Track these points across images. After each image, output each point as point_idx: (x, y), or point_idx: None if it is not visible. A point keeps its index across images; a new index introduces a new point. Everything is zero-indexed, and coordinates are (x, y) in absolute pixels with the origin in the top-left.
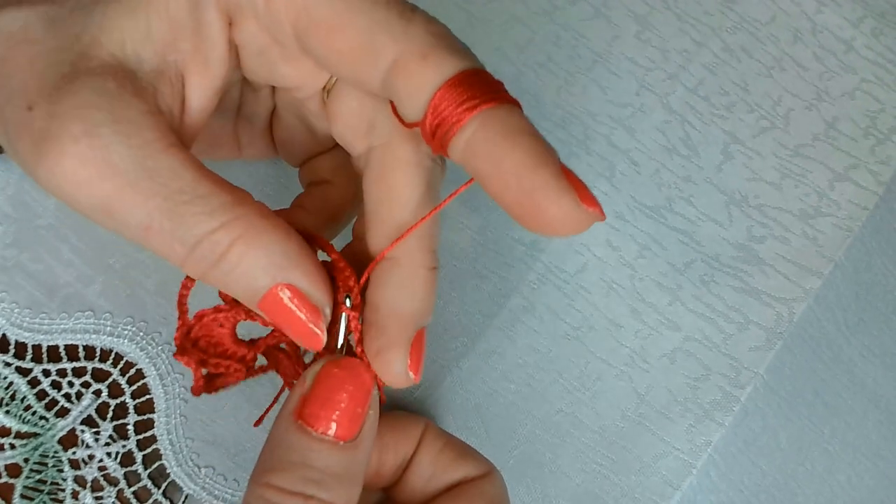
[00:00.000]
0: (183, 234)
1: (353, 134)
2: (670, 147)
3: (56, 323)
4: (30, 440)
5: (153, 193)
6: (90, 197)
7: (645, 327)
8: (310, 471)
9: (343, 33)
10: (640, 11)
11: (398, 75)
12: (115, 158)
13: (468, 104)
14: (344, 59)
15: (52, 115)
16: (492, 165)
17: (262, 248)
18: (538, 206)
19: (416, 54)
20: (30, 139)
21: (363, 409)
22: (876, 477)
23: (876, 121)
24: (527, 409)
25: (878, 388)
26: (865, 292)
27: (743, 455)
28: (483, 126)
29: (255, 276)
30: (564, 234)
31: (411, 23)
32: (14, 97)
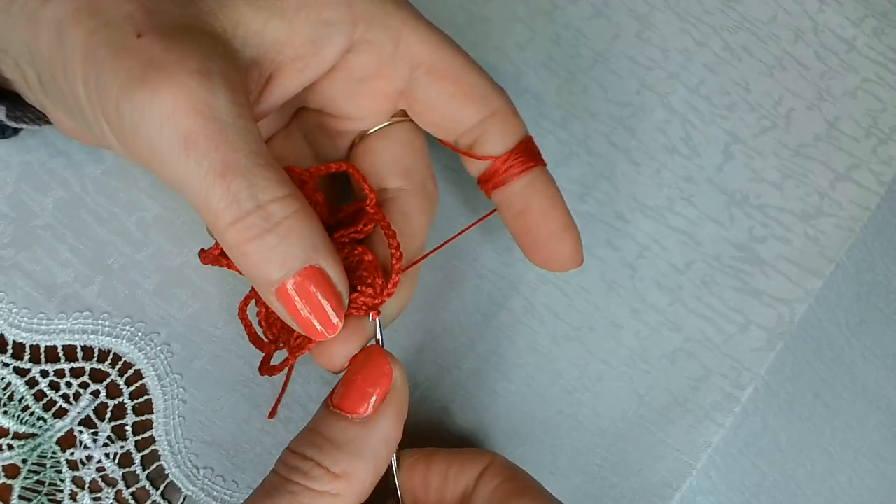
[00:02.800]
0: (248, 194)
1: (389, 172)
2: (671, 147)
3: (54, 323)
4: (28, 441)
5: (238, 147)
6: (179, 127)
7: (645, 328)
8: (316, 436)
9: (459, 84)
10: (641, 10)
11: (497, 122)
12: (217, 103)
13: (536, 158)
14: (453, 100)
15: (169, 49)
16: (544, 204)
17: (308, 231)
18: (561, 242)
19: (511, 111)
20: (137, 62)
21: (374, 389)
22: (877, 478)
23: (878, 120)
24: (526, 409)
25: (879, 388)
26: (867, 293)
27: (743, 456)
28: (542, 176)
29: (293, 255)
30: (559, 269)
31: (503, 91)
32: (117, 23)
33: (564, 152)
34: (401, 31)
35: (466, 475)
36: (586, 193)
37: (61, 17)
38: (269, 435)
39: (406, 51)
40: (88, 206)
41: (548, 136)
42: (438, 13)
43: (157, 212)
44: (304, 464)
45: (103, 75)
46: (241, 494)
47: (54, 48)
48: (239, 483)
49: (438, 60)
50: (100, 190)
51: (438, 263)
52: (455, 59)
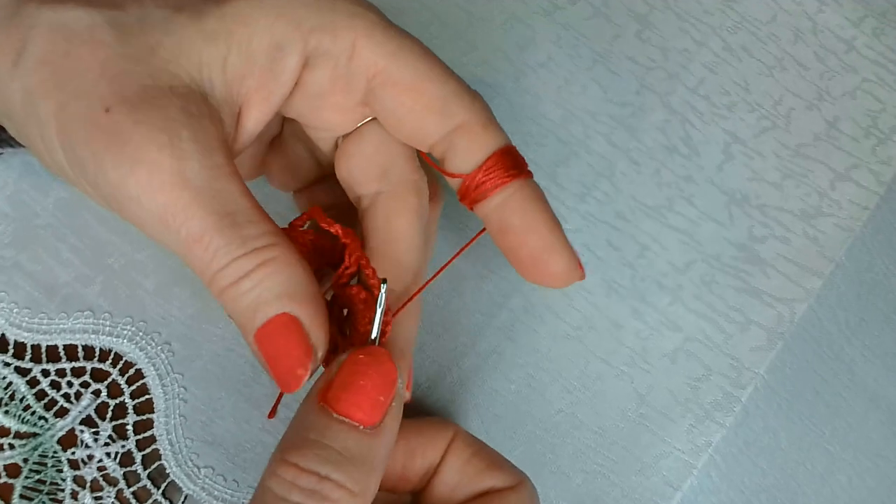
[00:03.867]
0: (225, 252)
1: (364, 176)
2: (671, 146)
3: (55, 323)
4: (29, 440)
5: (213, 211)
6: (155, 206)
7: (645, 327)
8: (326, 450)
9: (419, 95)
10: (641, 10)
11: (462, 136)
12: (189, 174)
13: (512, 171)
14: (412, 114)
15: (138, 122)
16: (523, 222)
17: (283, 278)
18: (548, 261)
19: (480, 123)
20: (106, 139)
21: (385, 397)
22: (877, 477)
23: (877, 120)
24: (527, 409)
25: (879, 388)
26: (867, 292)
27: (744, 455)
28: (520, 191)
29: (266, 301)
30: (555, 286)
31: (475, 99)
32: (84, 96)
33: (564, 152)
34: (354, 41)
35: (433, 449)
36: (586, 193)
37: (28, 88)
38: (270, 434)
39: (360, 61)
40: (89, 206)
41: (548, 136)
42: (439, 13)
43: None
44: (322, 485)
45: (78, 151)
46: (241, 494)
47: (26, 116)
48: (240, 482)
49: (396, 70)
50: None
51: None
52: (415, 68)
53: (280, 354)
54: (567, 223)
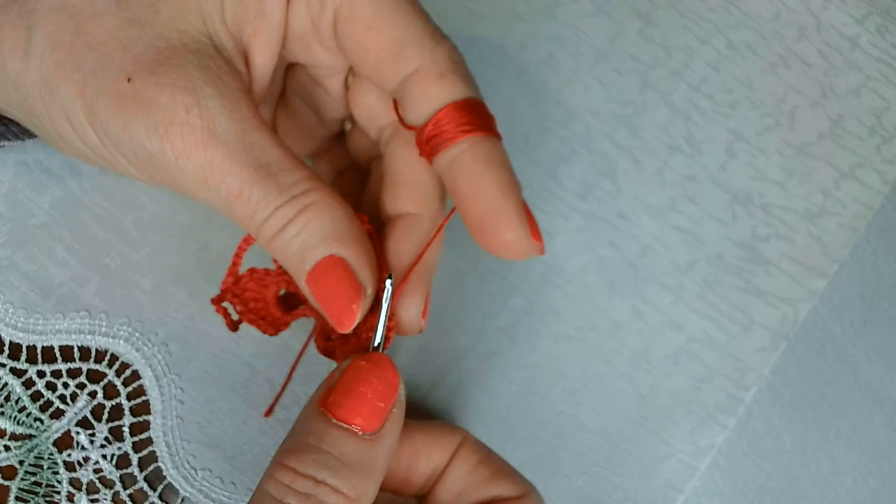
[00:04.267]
0: (266, 203)
1: (384, 108)
2: (673, 145)
3: (51, 323)
4: (24, 442)
5: (248, 164)
6: (193, 166)
7: (647, 328)
8: (324, 455)
9: (377, 34)
10: (643, 8)
11: (415, 84)
12: (219, 130)
13: (464, 127)
14: (369, 55)
15: (161, 85)
16: (469, 184)
17: (326, 221)
18: (496, 228)
19: (436, 72)
20: (136, 108)
21: (386, 404)
22: (881, 479)
23: (881, 119)
24: (528, 410)
25: (884, 389)
26: (871, 293)
27: (747, 457)
28: (471, 149)
29: (312, 245)
30: (508, 257)
31: (439, 45)
32: (104, 70)
33: (566, 151)
34: None
35: (439, 452)
36: (588, 192)
37: (47, 76)
38: (268, 436)
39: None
40: (85, 205)
41: (549, 135)
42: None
43: (154, 211)
44: (318, 489)
45: (109, 125)
46: (239, 496)
47: (50, 106)
48: (237, 485)
49: (358, 5)
50: (97, 189)
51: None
52: (378, 4)
53: (331, 295)
54: (568, 222)
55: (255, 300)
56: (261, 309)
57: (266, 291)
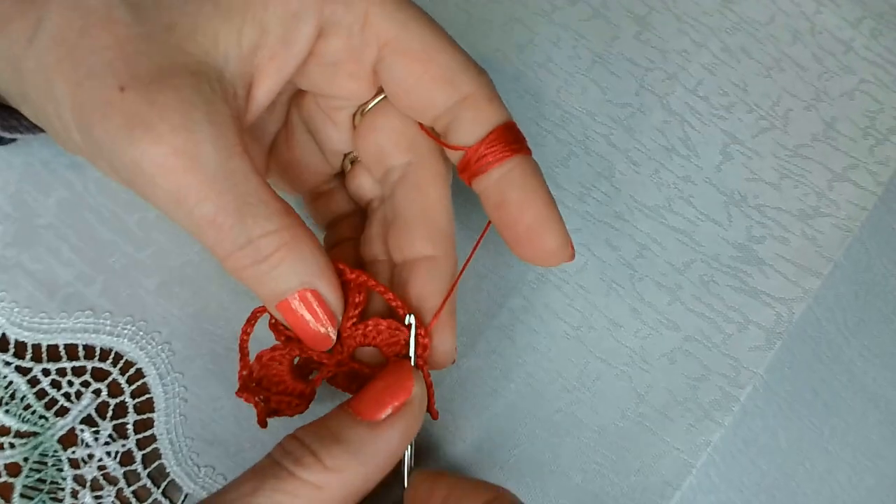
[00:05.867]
0: (239, 232)
1: (395, 147)
2: (669, 147)
3: (56, 322)
4: (29, 439)
5: (225, 191)
6: (168, 185)
7: (644, 327)
8: (321, 428)
9: (429, 65)
10: (640, 12)
11: (468, 107)
12: (202, 156)
13: (513, 146)
14: (420, 83)
15: (152, 103)
16: (521, 197)
17: (300, 256)
18: (543, 237)
19: (486, 96)
20: (122, 119)
21: (391, 399)
22: (876, 477)
23: (875, 121)
24: (526, 408)
25: (878, 388)
26: (865, 292)
27: (742, 455)
28: (521, 165)
29: (286, 279)
30: (547, 264)
31: (481, 72)
32: (100, 75)
33: (564, 153)
34: (367, 10)
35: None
36: (585, 193)
37: (45, 67)
38: (270, 434)
39: (372, 30)
40: (90, 206)
41: (547, 137)
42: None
43: (158, 212)
44: (299, 450)
45: (94, 130)
46: None
47: (42, 96)
48: None
49: (406, 39)
50: (102, 189)
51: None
52: (424, 38)
53: (304, 322)
54: (567, 223)
55: (275, 384)
56: (282, 389)
57: (281, 369)
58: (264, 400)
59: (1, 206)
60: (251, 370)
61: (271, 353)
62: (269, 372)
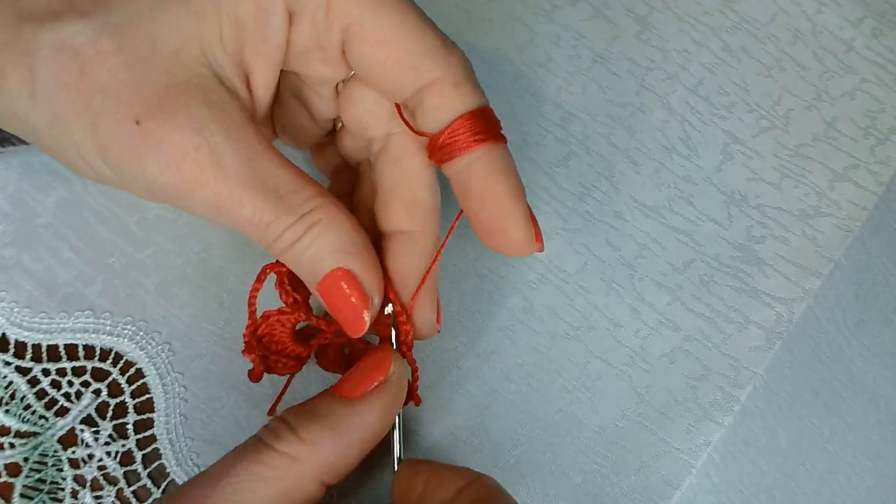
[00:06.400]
0: (278, 224)
1: (374, 119)
2: (670, 147)
3: (56, 322)
4: (29, 439)
5: (257, 191)
6: (206, 197)
7: (644, 327)
8: (302, 406)
9: (392, 48)
10: (640, 11)
11: (432, 94)
12: (227, 162)
13: (478, 136)
14: (385, 68)
15: (170, 126)
16: (482, 190)
17: (333, 236)
18: (505, 230)
19: (451, 82)
20: (145, 149)
21: (369, 379)
22: (876, 477)
23: (876, 121)
24: (527, 408)
25: (878, 388)
26: (865, 292)
27: (742, 455)
28: (484, 157)
29: (321, 258)
30: (511, 255)
31: (451, 53)
32: (111, 111)
33: (564, 152)
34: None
35: (445, 488)
36: (586, 193)
37: (58, 116)
38: None
39: (335, 14)
40: (90, 206)
41: (547, 137)
42: (438, 14)
43: (158, 211)
44: (277, 425)
45: (123, 165)
46: None
47: (62, 141)
48: None
49: (370, 23)
50: (101, 189)
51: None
52: (390, 21)
53: (340, 304)
54: (567, 223)
55: (275, 342)
56: (281, 349)
57: (283, 330)
58: (262, 357)
59: (0, 206)
60: (256, 327)
61: (278, 314)
62: (271, 331)
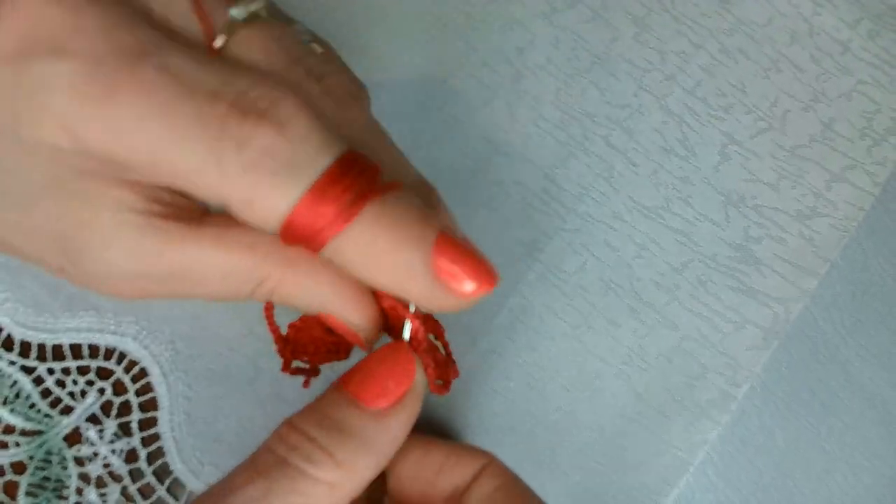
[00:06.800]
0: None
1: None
2: (668, 148)
3: (60, 322)
4: (34, 438)
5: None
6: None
7: (643, 326)
8: (326, 419)
9: (160, 167)
10: (638, 13)
11: (244, 217)
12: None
13: (324, 231)
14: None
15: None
16: (368, 279)
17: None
18: (427, 304)
19: (242, 202)
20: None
21: (395, 386)
22: (873, 476)
23: (872, 122)
24: (526, 407)
25: (875, 387)
26: (862, 292)
27: (740, 453)
28: (341, 251)
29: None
30: (471, 305)
31: (224, 155)
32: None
33: (563, 153)
34: None
35: (462, 471)
36: (584, 194)
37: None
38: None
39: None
40: None
41: (546, 138)
42: (439, 16)
43: None
44: (306, 444)
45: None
46: None
47: None
48: None
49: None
50: None
51: None
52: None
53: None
54: (565, 223)
55: (312, 344)
56: (321, 347)
57: (314, 333)
58: (308, 362)
59: None
60: (285, 340)
61: (301, 322)
62: (302, 337)
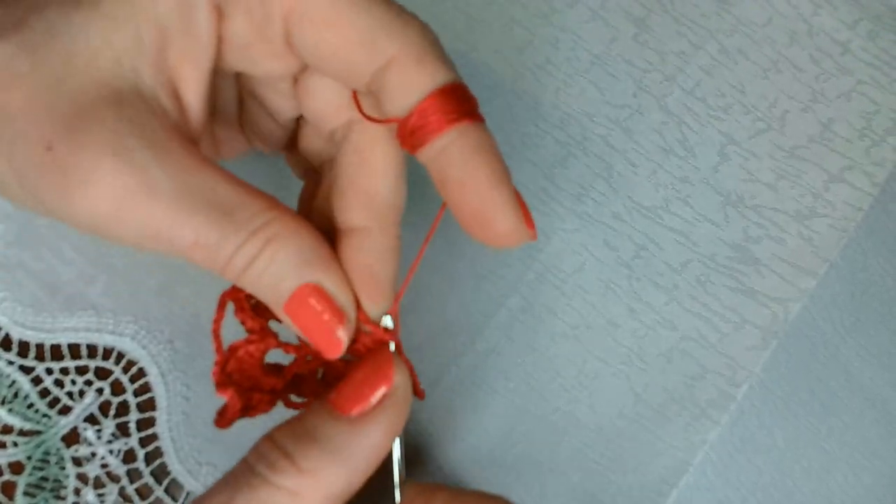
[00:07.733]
0: (226, 243)
1: (331, 107)
2: (667, 148)
3: (58, 321)
4: (33, 438)
5: (197, 210)
6: (136, 222)
7: (642, 326)
8: (297, 426)
9: (340, 28)
10: (638, 14)
11: (392, 74)
12: (155, 182)
13: (452, 115)
14: (336, 53)
15: (82, 148)
16: (461, 175)
17: (292, 250)
18: (490, 219)
19: (413, 57)
20: (59, 177)
21: (371, 391)
22: (873, 475)
23: (871, 122)
24: (525, 407)
25: (875, 387)
26: (861, 292)
27: (739, 453)
28: (460, 138)
29: (283, 277)
30: (502, 246)
31: (408, 25)
32: (23, 140)
33: (562, 153)
34: None
35: None
36: (584, 194)
37: None
38: None
39: (269, 2)
40: None
41: (546, 138)
42: (438, 16)
43: None
44: (272, 452)
45: (45, 197)
46: None
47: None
48: None
49: (312, 4)
50: None
51: (437, 263)
52: (330, 1)
53: (312, 324)
54: (565, 223)
55: (246, 378)
56: (254, 384)
57: (252, 362)
58: (240, 393)
59: (2, 206)
60: (225, 362)
61: (245, 345)
62: (240, 365)
